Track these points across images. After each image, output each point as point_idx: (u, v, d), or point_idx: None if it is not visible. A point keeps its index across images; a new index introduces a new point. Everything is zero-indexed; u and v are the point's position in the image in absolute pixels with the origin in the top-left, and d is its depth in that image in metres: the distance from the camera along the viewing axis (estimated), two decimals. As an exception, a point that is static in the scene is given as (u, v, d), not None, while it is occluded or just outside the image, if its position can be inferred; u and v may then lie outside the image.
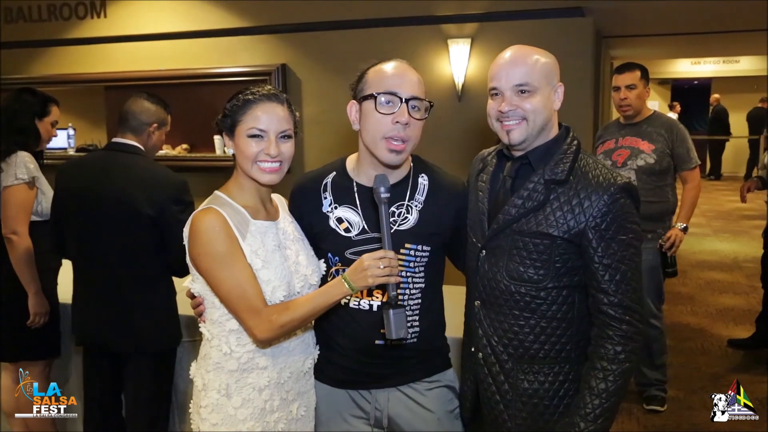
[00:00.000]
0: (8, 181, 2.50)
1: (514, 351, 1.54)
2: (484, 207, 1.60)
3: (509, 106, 1.50)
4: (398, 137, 1.57)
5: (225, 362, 1.58)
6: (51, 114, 2.70)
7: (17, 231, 2.49)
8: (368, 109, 1.60)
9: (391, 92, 1.57)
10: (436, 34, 4.24)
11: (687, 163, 3.24)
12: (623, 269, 1.44)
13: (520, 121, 1.51)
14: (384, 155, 1.60)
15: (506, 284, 1.52)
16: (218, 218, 1.52)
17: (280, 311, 1.50)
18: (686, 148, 3.23)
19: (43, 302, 2.57)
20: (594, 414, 1.43)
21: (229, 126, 1.59)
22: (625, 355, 1.44)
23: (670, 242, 3.22)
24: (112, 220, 2.27)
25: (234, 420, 1.57)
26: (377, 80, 1.60)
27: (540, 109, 1.50)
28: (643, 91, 3.28)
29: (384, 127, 1.57)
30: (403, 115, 1.56)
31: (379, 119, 1.57)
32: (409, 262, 1.65)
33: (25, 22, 5.06)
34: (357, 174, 1.70)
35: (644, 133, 3.24)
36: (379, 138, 1.58)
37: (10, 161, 2.53)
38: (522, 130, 1.51)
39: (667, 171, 3.24)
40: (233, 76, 4.53)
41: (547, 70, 1.51)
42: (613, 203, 1.43)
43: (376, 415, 1.72)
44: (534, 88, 1.49)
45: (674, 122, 3.32)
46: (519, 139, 1.52)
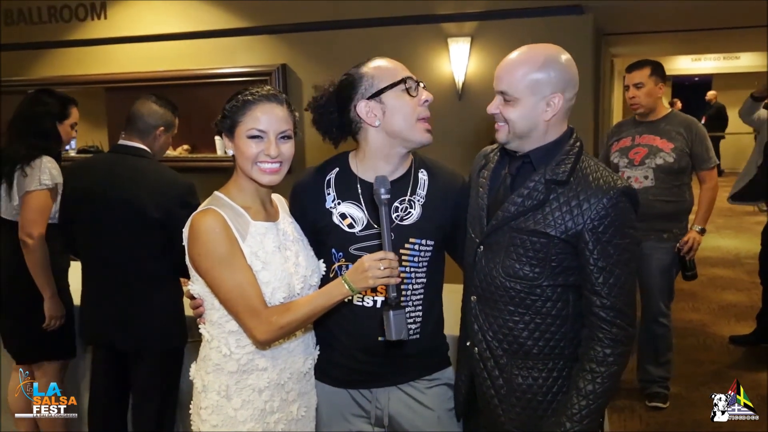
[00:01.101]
0: (32, 186, 2.49)
1: (509, 346, 1.54)
2: (483, 203, 1.61)
3: (493, 108, 1.55)
4: (427, 117, 1.66)
5: (225, 364, 1.58)
6: (71, 116, 2.68)
7: (34, 235, 2.48)
8: (393, 99, 1.63)
9: (410, 77, 1.65)
10: (436, 33, 4.24)
11: (706, 162, 3.21)
12: (617, 273, 1.44)
13: (503, 124, 1.54)
14: (422, 136, 1.66)
15: (502, 280, 1.53)
16: (218, 219, 1.52)
17: (280, 312, 1.50)
18: (705, 147, 3.19)
19: (59, 306, 2.57)
20: (580, 415, 1.45)
21: (229, 127, 1.59)
22: (613, 358, 1.45)
23: (688, 246, 3.22)
24: (119, 222, 2.28)
25: (234, 421, 1.57)
26: (387, 73, 1.64)
27: (517, 119, 1.50)
28: (653, 88, 3.24)
29: (418, 110, 1.65)
30: (428, 94, 1.66)
31: (413, 103, 1.64)
32: (413, 257, 1.66)
33: (26, 24, 5.07)
34: (360, 170, 1.71)
35: (662, 131, 3.21)
36: (414, 121, 1.64)
37: (35, 166, 2.51)
38: (504, 132, 1.55)
39: (685, 170, 3.21)
40: (233, 77, 4.53)
41: (534, 82, 1.47)
42: (612, 207, 1.44)
43: (376, 414, 1.72)
44: (514, 99, 1.50)
45: (693, 121, 3.27)
46: (502, 140, 1.56)
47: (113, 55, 4.92)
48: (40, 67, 5.09)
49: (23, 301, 2.57)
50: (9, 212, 2.60)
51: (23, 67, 5.10)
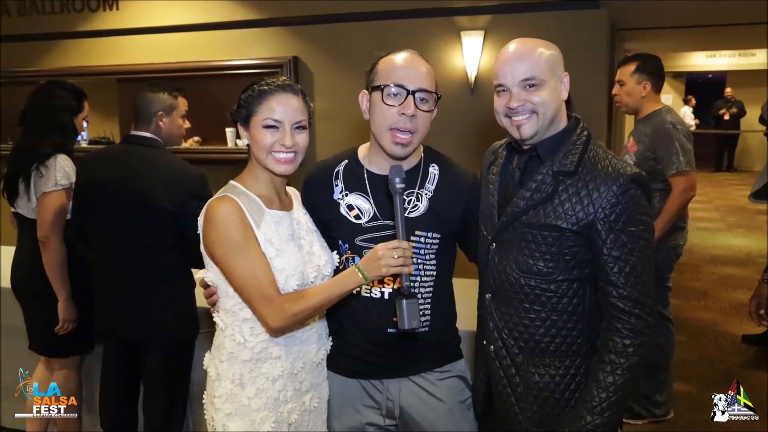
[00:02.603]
0: (47, 187, 2.49)
1: (525, 344, 1.53)
2: (494, 200, 1.60)
3: (517, 101, 1.49)
4: (404, 128, 1.58)
5: (239, 352, 1.59)
6: (84, 109, 2.67)
7: (51, 236, 2.48)
8: (376, 100, 1.61)
9: (399, 84, 1.58)
10: (449, 26, 4.21)
11: (668, 168, 2.92)
12: (633, 261, 1.42)
13: (530, 115, 1.50)
14: (389, 147, 1.61)
15: (516, 277, 1.52)
16: (233, 206, 1.52)
17: (293, 300, 1.51)
18: (670, 152, 2.92)
19: (72, 309, 2.57)
20: (601, 407, 1.43)
21: (244, 117, 1.59)
22: (633, 349, 1.42)
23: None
24: (131, 214, 2.28)
25: (247, 410, 1.58)
26: (386, 71, 1.61)
27: (548, 101, 1.49)
28: (634, 87, 3.06)
29: (390, 119, 1.58)
30: (409, 107, 1.57)
31: (385, 110, 1.59)
32: (419, 249, 1.66)
33: (38, 15, 5.08)
34: (368, 162, 1.72)
35: (638, 132, 3.08)
36: (384, 129, 1.60)
37: (50, 165, 2.50)
38: (533, 124, 1.50)
39: (651, 176, 2.86)
40: (245, 69, 4.52)
41: (551, 61, 1.50)
42: (622, 194, 1.41)
43: (387, 405, 1.72)
44: (541, 81, 1.48)
45: (662, 123, 2.98)
46: (530, 133, 1.51)
47: (125, 46, 4.93)
48: (53, 58, 5.10)
49: (42, 296, 2.58)
50: (28, 210, 2.61)
51: (36, 58, 5.11)
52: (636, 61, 3.10)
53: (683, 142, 2.94)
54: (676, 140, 2.93)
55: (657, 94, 3.13)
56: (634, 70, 3.07)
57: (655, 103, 3.11)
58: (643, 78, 3.06)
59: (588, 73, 3.88)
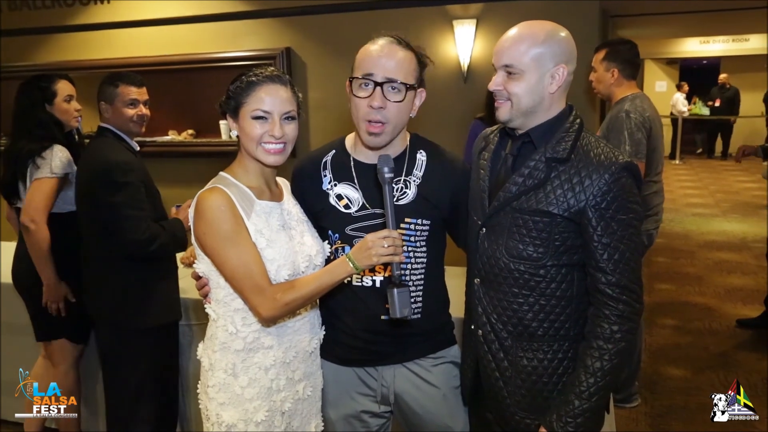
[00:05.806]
0: (41, 174, 2.54)
1: (513, 328, 1.54)
2: (485, 185, 1.60)
3: (495, 85, 1.52)
4: (374, 120, 1.59)
5: (231, 342, 1.60)
6: (59, 92, 2.67)
7: (36, 220, 2.51)
8: (353, 89, 1.61)
9: (366, 75, 1.58)
10: (442, 15, 4.20)
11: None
12: (622, 249, 1.43)
13: (504, 101, 1.51)
14: (364, 137, 1.63)
15: (505, 262, 1.53)
16: (224, 197, 1.52)
17: (285, 290, 1.51)
18: (619, 140, 2.88)
19: (55, 292, 2.59)
20: (589, 392, 1.44)
21: (233, 108, 1.59)
22: (621, 335, 1.44)
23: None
24: (77, 205, 2.51)
25: (241, 399, 1.59)
26: (358, 62, 1.62)
27: (522, 93, 1.48)
28: (603, 73, 3.06)
29: (362, 110, 1.59)
30: (375, 99, 1.57)
31: (357, 102, 1.60)
32: (410, 236, 1.66)
33: (29, 9, 5.05)
34: (355, 151, 1.72)
35: (606, 120, 3.07)
36: (359, 120, 1.61)
37: (46, 155, 2.55)
38: (506, 110, 1.52)
39: None
40: (238, 61, 4.51)
41: (540, 54, 1.46)
42: (614, 182, 1.42)
43: (382, 392, 1.73)
44: (520, 72, 1.47)
45: (619, 110, 2.97)
46: (504, 118, 1.53)
47: (117, 39, 4.90)
48: (44, 53, 5.08)
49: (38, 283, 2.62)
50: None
51: (27, 53, 5.08)
52: (605, 48, 3.11)
53: (633, 131, 2.91)
54: (626, 129, 2.92)
55: (629, 81, 3.09)
56: (602, 57, 3.07)
57: (625, 89, 3.08)
58: (612, 65, 3.05)
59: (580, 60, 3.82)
